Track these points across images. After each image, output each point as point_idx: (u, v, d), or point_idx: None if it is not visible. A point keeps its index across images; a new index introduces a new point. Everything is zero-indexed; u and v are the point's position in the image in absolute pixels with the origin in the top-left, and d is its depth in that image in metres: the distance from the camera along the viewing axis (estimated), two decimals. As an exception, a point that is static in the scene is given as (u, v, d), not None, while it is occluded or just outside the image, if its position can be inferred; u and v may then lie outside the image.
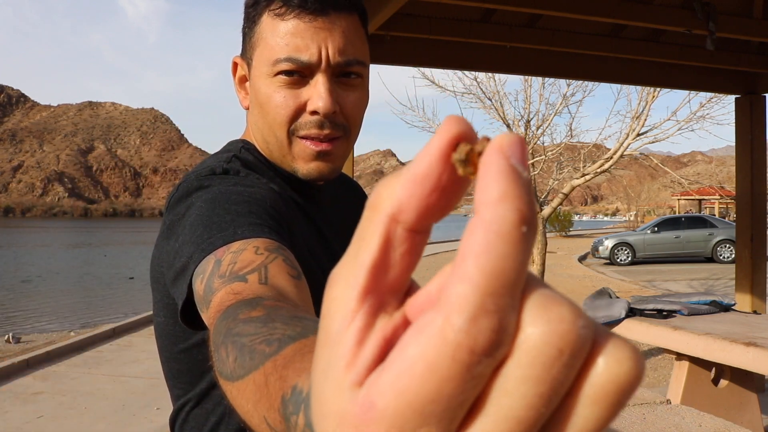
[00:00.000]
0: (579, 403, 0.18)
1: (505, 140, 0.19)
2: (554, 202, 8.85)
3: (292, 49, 0.80)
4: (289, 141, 0.84)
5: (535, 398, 0.17)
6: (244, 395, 0.43)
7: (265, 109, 0.83)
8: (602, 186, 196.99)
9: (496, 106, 8.55)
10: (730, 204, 31.73)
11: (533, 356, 0.17)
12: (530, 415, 0.17)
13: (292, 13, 0.79)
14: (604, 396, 0.18)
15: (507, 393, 0.18)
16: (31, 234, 61.71)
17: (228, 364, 0.46)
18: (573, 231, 38.14)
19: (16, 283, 16.70)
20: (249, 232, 0.65)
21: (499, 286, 0.17)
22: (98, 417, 4.68)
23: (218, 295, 0.56)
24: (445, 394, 0.17)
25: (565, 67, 4.40)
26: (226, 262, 0.61)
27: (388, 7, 2.92)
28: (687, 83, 4.90)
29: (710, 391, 2.88)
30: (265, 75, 0.82)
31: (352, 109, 0.85)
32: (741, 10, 3.62)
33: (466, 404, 0.18)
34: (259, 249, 0.62)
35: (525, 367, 0.17)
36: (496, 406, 0.18)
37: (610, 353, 0.18)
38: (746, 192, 4.84)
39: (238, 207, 0.70)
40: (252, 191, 0.76)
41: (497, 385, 0.18)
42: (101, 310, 11.64)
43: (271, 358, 0.41)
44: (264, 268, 0.59)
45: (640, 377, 0.18)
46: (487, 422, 0.18)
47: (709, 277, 13.74)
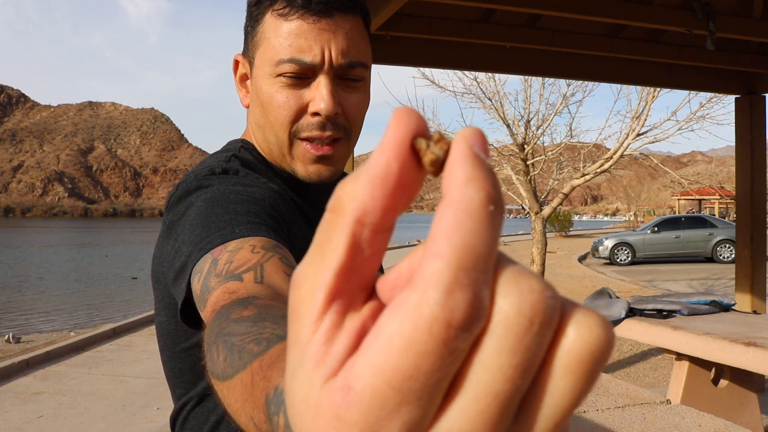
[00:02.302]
0: (553, 374, 0.18)
1: (467, 131, 0.20)
2: (554, 202, 8.85)
3: (295, 50, 0.79)
4: (290, 142, 0.84)
5: (512, 369, 0.18)
6: (233, 395, 0.43)
7: (266, 108, 0.83)
8: (602, 186, 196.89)
9: (496, 106, 8.55)
10: (730, 204, 31.73)
11: (506, 327, 0.18)
12: (507, 388, 0.18)
13: (296, 14, 0.79)
14: (577, 364, 0.18)
15: (484, 367, 0.18)
16: (31, 234, 61.71)
17: (218, 364, 0.46)
18: (573, 231, 38.13)
19: (16, 283, 16.70)
20: (247, 231, 0.66)
21: (471, 261, 0.18)
22: (98, 417, 4.68)
23: (214, 294, 0.57)
24: (424, 370, 0.17)
25: (565, 67, 4.40)
26: (222, 261, 0.61)
27: (388, 8, 2.92)
28: (687, 83, 4.90)
29: (710, 391, 2.88)
30: (268, 75, 0.82)
31: (353, 110, 0.84)
32: (741, 10, 3.62)
33: (444, 382, 0.18)
34: (256, 247, 0.62)
35: (499, 338, 0.18)
36: (475, 382, 0.18)
37: (579, 322, 0.19)
38: (746, 192, 4.84)
39: (237, 206, 0.70)
40: (251, 190, 0.76)
41: (475, 360, 0.18)
42: (101, 310, 11.64)
43: (259, 357, 0.41)
44: (260, 266, 0.59)
45: (610, 344, 0.19)
46: (466, 399, 0.18)
47: (709, 277, 13.74)
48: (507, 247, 25.72)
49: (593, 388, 0.19)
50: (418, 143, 0.20)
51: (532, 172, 8.79)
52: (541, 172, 9.32)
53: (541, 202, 8.88)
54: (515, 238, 34.12)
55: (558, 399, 0.18)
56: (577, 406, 0.19)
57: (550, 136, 9.56)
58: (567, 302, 0.19)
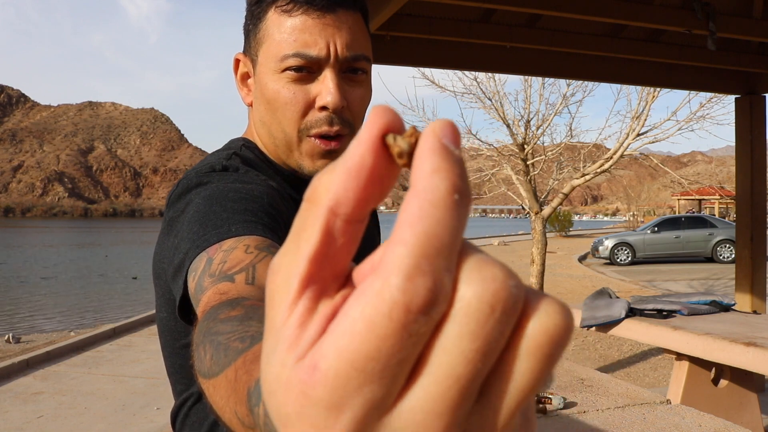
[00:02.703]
0: (516, 357, 0.19)
1: (437, 124, 0.20)
2: (554, 202, 8.84)
3: (300, 44, 0.80)
4: (298, 138, 0.84)
5: (472, 353, 0.19)
6: (219, 392, 0.44)
7: (273, 105, 0.83)
8: (602, 186, 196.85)
9: (496, 106, 8.55)
10: (730, 204, 31.72)
11: (468, 314, 0.19)
12: (468, 371, 0.19)
13: (299, 10, 0.80)
14: (537, 347, 0.19)
15: (446, 350, 0.19)
16: (31, 234, 61.70)
17: (205, 362, 0.47)
18: (573, 231, 38.13)
19: (17, 283, 16.70)
20: (243, 229, 0.66)
21: (434, 249, 0.18)
22: (98, 417, 4.68)
23: (206, 294, 0.57)
24: (384, 351, 0.18)
25: (565, 67, 4.40)
26: (217, 261, 0.62)
27: (388, 7, 2.92)
28: (687, 83, 4.90)
29: (710, 391, 2.88)
30: (273, 71, 0.82)
31: (357, 105, 0.85)
32: (741, 10, 3.62)
33: (406, 363, 0.19)
34: (250, 247, 0.63)
35: (461, 324, 0.19)
36: (437, 365, 0.19)
37: (541, 309, 0.20)
38: (746, 192, 4.84)
39: (235, 204, 0.71)
40: (250, 188, 0.76)
41: (437, 344, 0.19)
42: (101, 310, 11.64)
43: (243, 354, 0.42)
44: (252, 267, 0.59)
45: (570, 329, 0.20)
46: (428, 381, 0.19)
47: (709, 277, 13.74)
48: (507, 247, 25.72)
49: (553, 370, 0.20)
50: (388, 138, 0.21)
51: (532, 172, 8.79)
52: (541, 172, 9.32)
53: (541, 202, 8.88)
54: (515, 238, 34.11)
55: (519, 381, 0.19)
56: (537, 388, 0.20)
57: (550, 136, 9.55)
58: (531, 291, 0.20)
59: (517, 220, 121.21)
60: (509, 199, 10.72)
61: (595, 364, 6.23)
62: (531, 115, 8.72)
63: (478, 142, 9.24)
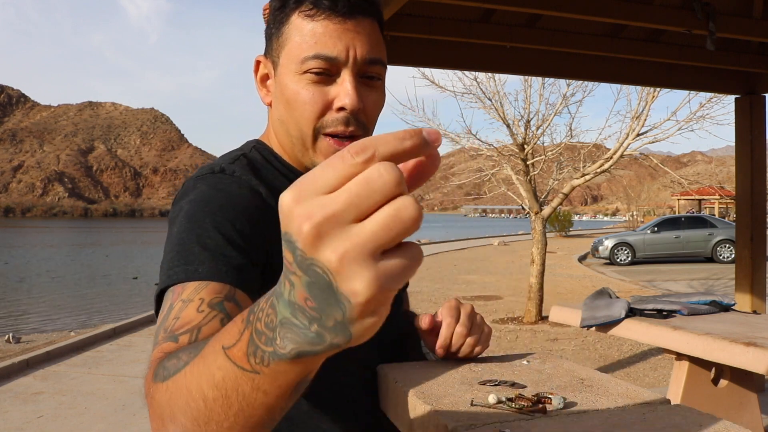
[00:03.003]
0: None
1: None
2: (554, 202, 8.84)
3: (321, 47, 0.84)
4: (314, 137, 0.87)
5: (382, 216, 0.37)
6: (186, 378, 0.50)
7: (292, 105, 0.87)
8: (602, 186, 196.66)
9: (496, 106, 8.55)
10: (730, 204, 31.72)
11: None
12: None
13: (322, 15, 0.84)
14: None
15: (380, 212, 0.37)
16: (31, 234, 61.69)
17: (161, 376, 0.54)
18: (573, 231, 38.12)
19: (17, 283, 16.70)
20: (206, 271, 0.73)
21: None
22: (98, 417, 4.68)
23: (157, 348, 0.64)
24: (333, 181, 0.38)
25: (565, 67, 4.40)
26: (173, 314, 0.68)
27: (389, 7, 2.93)
28: (687, 83, 4.89)
29: (710, 391, 2.88)
30: (293, 72, 0.86)
31: (372, 108, 0.89)
32: (741, 10, 3.61)
33: (355, 207, 0.37)
34: (203, 304, 0.68)
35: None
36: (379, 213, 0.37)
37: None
38: (746, 192, 4.84)
39: (209, 233, 0.77)
40: (231, 201, 0.82)
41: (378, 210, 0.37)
42: (101, 310, 11.64)
43: (197, 345, 0.53)
44: (197, 330, 0.65)
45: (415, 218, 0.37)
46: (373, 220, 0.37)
47: (709, 277, 13.74)
48: (507, 247, 25.71)
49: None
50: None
51: (532, 172, 8.79)
52: (541, 172, 9.32)
53: (541, 202, 8.87)
54: (515, 238, 34.10)
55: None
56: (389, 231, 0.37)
57: (550, 136, 9.58)
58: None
59: (517, 220, 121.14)
60: (509, 199, 10.71)
61: (595, 364, 6.23)
62: (531, 115, 8.72)
63: (478, 142, 9.24)
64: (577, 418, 0.74)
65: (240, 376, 0.47)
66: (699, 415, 0.73)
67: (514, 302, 10.17)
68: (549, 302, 7.87)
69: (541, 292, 8.52)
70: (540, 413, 0.74)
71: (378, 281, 0.36)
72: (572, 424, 0.71)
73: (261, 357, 0.45)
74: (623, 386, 0.88)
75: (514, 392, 0.81)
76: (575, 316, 3.08)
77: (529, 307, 8.48)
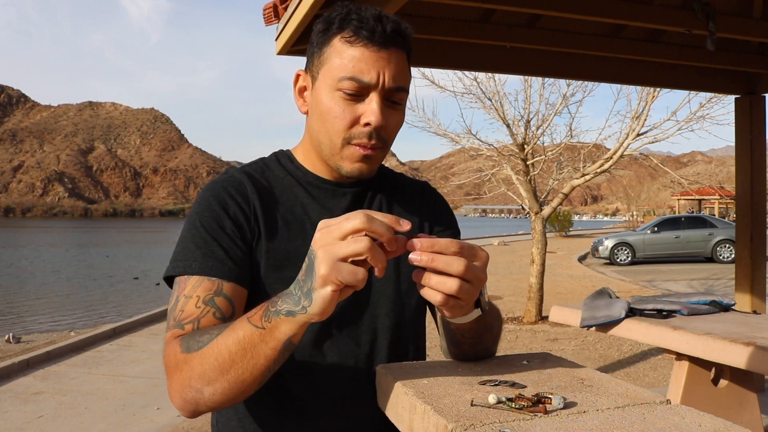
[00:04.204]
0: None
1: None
2: (554, 202, 8.84)
3: (357, 71, 0.95)
4: (342, 145, 1.00)
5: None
6: (217, 343, 0.82)
7: (324, 117, 0.99)
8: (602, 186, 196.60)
9: (496, 106, 8.55)
10: (730, 204, 31.72)
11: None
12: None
13: (360, 42, 0.95)
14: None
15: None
16: (31, 234, 61.67)
17: (195, 347, 0.85)
18: (573, 231, 38.12)
19: (17, 283, 16.69)
20: (199, 267, 0.95)
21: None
22: (98, 417, 4.68)
23: (169, 332, 0.92)
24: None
25: (565, 67, 4.40)
26: (179, 307, 0.92)
27: (388, 7, 2.92)
28: (687, 83, 4.89)
29: (710, 391, 2.88)
30: (329, 88, 0.98)
31: (392, 128, 1.01)
32: (741, 10, 3.61)
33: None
34: (200, 301, 0.92)
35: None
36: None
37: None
38: (746, 192, 4.84)
39: (200, 233, 0.98)
40: (223, 203, 1.01)
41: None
42: (101, 310, 11.64)
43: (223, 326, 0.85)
44: (197, 321, 0.91)
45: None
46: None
47: (709, 277, 13.75)
48: (507, 247, 25.71)
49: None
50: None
51: (532, 172, 8.79)
52: (541, 172, 9.32)
53: (541, 202, 8.87)
54: (515, 238, 34.10)
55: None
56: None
57: (550, 136, 9.60)
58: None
59: (517, 220, 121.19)
60: (509, 199, 10.71)
61: (595, 364, 6.23)
62: (531, 115, 8.71)
63: (478, 142, 9.24)
64: (577, 418, 0.74)
65: (254, 332, 0.79)
66: (699, 415, 0.73)
67: (514, 302, 10.17)
68: (549, 302, 7.87)
69: (541, 292, 8.52)
70: (540, 413, 0.74)
71: (333, 270, 0.71)
72: (572, 424, 0.71)
73: (268, 316, 0.79)
74: (623, 386, 0.88)
75: (514, 392, 0.81)
76: (575, 316, 3.08)
77: (529, 307, 8.48)
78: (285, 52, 3.43)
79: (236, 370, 0.80)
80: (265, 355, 0.79)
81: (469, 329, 0.91)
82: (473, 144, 9.29)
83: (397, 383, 0.87)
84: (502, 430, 0.69)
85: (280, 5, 3.23)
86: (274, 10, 3.31)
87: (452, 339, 0.97)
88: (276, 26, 3.41)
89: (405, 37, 0.99)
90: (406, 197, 1.17)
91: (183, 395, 0.85)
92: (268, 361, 0.80)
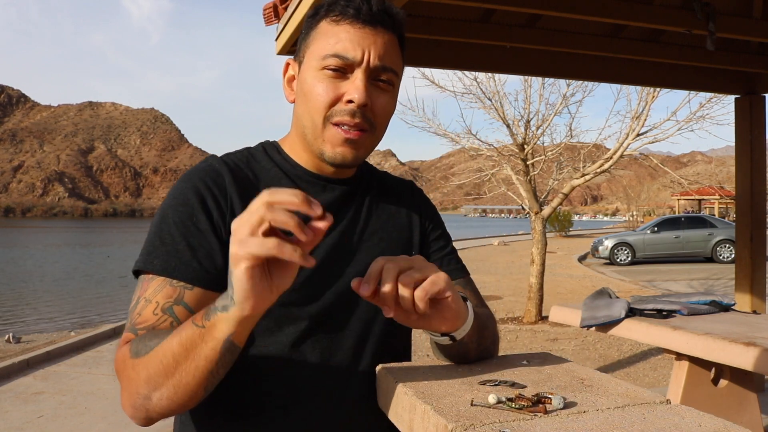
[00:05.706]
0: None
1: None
2: (554, 202, 8.84)
3: (340, 47, 0.93)
4: (323, 125, 0.95)
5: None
6: (161, 347, 0.77)
7: (307, 96, 0.95)
8: (602, 186, 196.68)
9: (496, 106, 8.55)
10: (730, 204, 31.72)
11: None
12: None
13: (346, 21, 0.94)
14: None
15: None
16: (31, 234, 61.65)
17: (142, 352, 0.80)
18: (573, 231, 38.12)
19: (17, 283, 16.69)
20: (159, 266, 0.89)
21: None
22: (98, 417, 4.68)
23: (124, 335, 0.88)
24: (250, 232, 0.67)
25: (565, 67, 4.40)
26: (137, 311, 0.89)
27: (388, 7, 2.92)
28: (687, 83, 4.89)
29: (710, 391, 2.88)
30: (314, 68, 0.95)
31: (380, 108, 0.96)
32: (741, 10, 3.61)
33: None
34: (158, 308, 0.87)
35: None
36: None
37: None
38: (746, 192, 4.84)
39: (169, 229, 0.92)
40: (199, 196, 0.94)
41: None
42: (102, 310, 11.64)
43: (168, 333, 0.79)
44: (152, 329, 0.85)
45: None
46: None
47: (709, 277, 13.74)
48: (507, 247, 25.71)
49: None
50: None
51: (532, 172, 8.79)
52: (541, 172, 9.31)
53: (541, 202, 8.87)
54: (515, 238, 34.09)
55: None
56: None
57: (550, 136, 9.60)
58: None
59: (517, 220, 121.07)
60: (509, 199, 10.71)
61: (595, 364, 6.23)
62: (531, 115, 8.72)
63: (478, 142, 9.24)
64: (577, 418, 0.74)
65: (195, 332, 0.74)
66: (699, 415, 0.73)
67: (514, 302, 10.17)
68: (549, 302, 7.87)
69: (541, 292, 8.52)
70: (540, 413, 0.74)
71: (240, 246, 0.66)
72: (572, 424, 0.71)
73: (208, 315, 0.74)
74: (623, 386, 0.88)
75: (514, 392, 0.81)
76: (575, 316, 3.08)
77: (529, 307, 8.48)
78: (285, 52, 3.42)
79: (179, 373, 0.75)
80: (206, 356, 0.74)
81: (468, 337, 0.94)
82: (473, 144, 9.29)
83: (397, 383, 0.87)
84: (502, 430, 0.69)
85: (280, 5, 3.23)
86: (274, 10, 3.31)
87: (452, 355, 0.99)
88: (276, 26, 3.41)
89: (393, 17, 0.96)
90: (395, 196, 1.14)
91: (132, 402, 0.80)
92: (209, 363, 0.74)
